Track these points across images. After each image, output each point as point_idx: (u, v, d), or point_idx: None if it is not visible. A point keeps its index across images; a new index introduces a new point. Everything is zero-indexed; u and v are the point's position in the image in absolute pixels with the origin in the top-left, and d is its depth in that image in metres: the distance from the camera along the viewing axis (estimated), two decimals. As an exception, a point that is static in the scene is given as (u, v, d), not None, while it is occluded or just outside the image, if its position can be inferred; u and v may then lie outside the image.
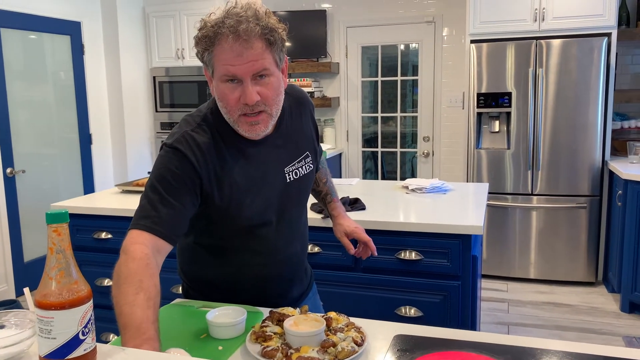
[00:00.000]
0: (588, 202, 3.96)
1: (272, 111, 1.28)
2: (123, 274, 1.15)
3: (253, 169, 1.35)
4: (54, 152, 4.49)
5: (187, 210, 1.26)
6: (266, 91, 1.24)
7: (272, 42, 1.22)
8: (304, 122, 1.48)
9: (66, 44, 4.54)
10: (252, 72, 1.21)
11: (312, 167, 1.48)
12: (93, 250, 2.65)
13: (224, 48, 1.19)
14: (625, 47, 4.27)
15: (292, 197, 1.44)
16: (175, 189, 1.24)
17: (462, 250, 2.14)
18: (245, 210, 1.34)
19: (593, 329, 3.36)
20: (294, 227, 1.48)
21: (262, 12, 1.23)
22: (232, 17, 1.19)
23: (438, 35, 5.00)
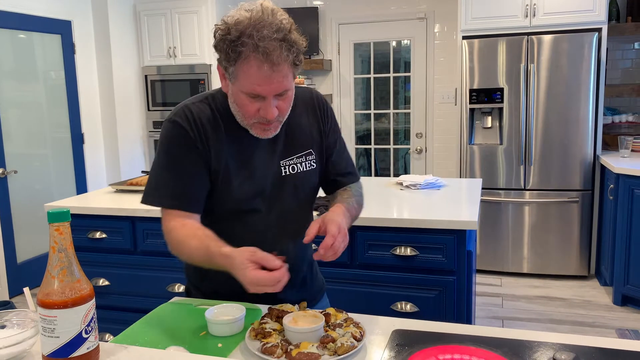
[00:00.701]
0: (580, 197, 3.99)
1: (283, 118, 1.35)
2: (175, 242, 1.33)
3: (247, 154, 1.38)
4: (46, 152, 4.47)
5: (198, 176, 1.35)
6: (283, 104, 1.30)
7: (297, 63, 1.26)
8: (309, 121, 1.47)
9: (57, 43, 4.52)
10: (275, 93, 1.26)
11: (314, 167, 1.46)
12: (88, 250, 2.65)
13: (251, 68, 1.21)
14: (615, 42, 4.30)
15: (287, 192, 1.43)
16: (176, 158, 1.34)
17: (457, 246, 2.16)
18: (234, 192, 1.37)
19: (586, 321, 3.39)
20: (287, 224, 1.45)
21: (288, 27, 1.22)
22: (264, 39, 1.18)
23: (430, 32, 5.02)
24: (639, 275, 3.47)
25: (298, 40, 1.24)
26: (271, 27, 1.19)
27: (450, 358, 1.10)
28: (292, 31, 1.23)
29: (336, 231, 1.26)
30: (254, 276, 1.12)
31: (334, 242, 1.24)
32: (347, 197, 1.48)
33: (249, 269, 1.13)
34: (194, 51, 4.99)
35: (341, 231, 1.28)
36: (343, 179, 1.53)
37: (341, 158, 1.53)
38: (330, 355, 1.12)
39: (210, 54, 4.97)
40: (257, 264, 1.14)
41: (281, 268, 1.14)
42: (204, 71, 5.00)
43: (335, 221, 1.29)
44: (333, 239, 1.24)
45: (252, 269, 1.13)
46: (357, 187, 1.55)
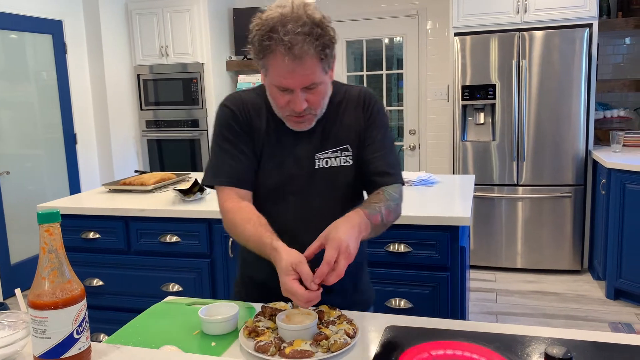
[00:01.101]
0: (572, 192, 4.01)
1: (317, 112, 1.37)
2: (231, 224, 1.37)
3: (283, 144, 1.43)
4: (39, 153, 4.45)
5: (245, 153, 1.41)
6: (314, 97, 1.32)
7: (324, 56, 1.27)
8: (352, 118, 1.45)
9: (48, 43, 4.49)
10: (302, 86, 1.28)
11: (349, 163, 1.44)
12: (81, 250, 2.64)
13: (277, 61, 1.25)
14: (606, 37, 4.32)
15: (318, 186, 1.43)
16: (228, 139, 1.42)
17: (451, 242, 2.17)
18: (266, 176, 1.43)
19: (579, 316, 3.41)
20: (315, 218, 1.41)
21: (316, 21, 1.25)
22: (288, 33, 1.22)
23: (422, 29, 5.02)
24: (631, 269, 3.49)
25: (325, 34, 1.26)
26: (297, 22, 1.23)
27: (442, 354, 1.11)
28: (320, 25, 1.25)
29: (333, 255, 1.14)
30: (290, 286, 1.14)
31: (332, 269, 1.14)
32: (375, 201, 1.35)
33: (290, 276, 1.15)
34: (187, 50, 4.98)
35: (342, 251, 1.15)
36: (378, 179, 1.43)
37: (379, 156, 1.44)
38: (323, 353, 1.13)
39: (202, 53, 4.96)
40: (297, 275, 1.15)
41: (316, 291, 1.15)
42: (196, 70, 4.99)
43: (335, 240, 1.16)
44: (329, 266, 1.14)
45: (292, 278, 1.15)
46: (392, 190, 1.41)
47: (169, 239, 2.53)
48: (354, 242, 1.19)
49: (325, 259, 1.15)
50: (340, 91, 1.47)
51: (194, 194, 2.61)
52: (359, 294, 1.56)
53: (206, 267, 2.52)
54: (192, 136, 5.11)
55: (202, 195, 2.63)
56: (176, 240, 2.52)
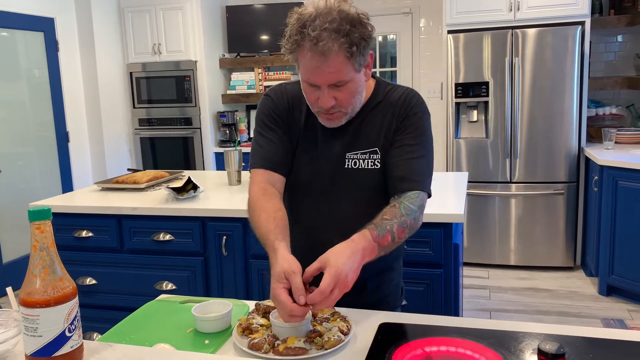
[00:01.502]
0: (565, 189, 4.03)
1: (347, 110, 1.35)
2: (250, 209, 1.36)
3: (317, 139, 1.43)
4: (31, 151, 4.42)
5: (283, 141, 1.44)
6: (342, 95, 1.31)
7: (352, 54, 1.24)
8: (386, 120, 1.41)
9: (40, 40, 4.47)
10: (328, 83, 1.28)
11: (377, 166, 1.40)
12: (74, 249, 2.63)
13: (304, 57, 1.26)
14: (598, 35, 4.34)
15: (345, 185, 1.42)
16: (267, 126, 1.44)
17: (444, 239, 2.17)
18: (297, 169, 1.45)
19: (572, 312, 3.43)
20: (339, 217, 1.43)
21: (348, 17, 1.22)
22: (315, 28, 1.21)
23: (415, 27, 5.03)
24: (623, 266, 3.51)
25: (355, 31, 1.23)
26: (326, 18, 1.21)
27: (436, 350, 1.11)
28: (351, 22, 1.22)
29: (329, 285, 1.08)
30: (278, 293, 1.10)
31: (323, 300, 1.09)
32: (388, 218, 1.26)
33: (280, 284, 1.11)
34: (179, 48, 4.96)
35: (340, 282, 1.09)
36: (397, 184, 1.36)
37: (404, 160, 1.37)
38: (317, 350, 1.12)
39: (195, 51, 4.94)
40: (288, 284, 1.11)
41: (302, 306, 1.09)
42: (189, 67, 4.97)
43: (334, 269, 1.09)
44: (322, 295, 1.08)
45: (282, 286, 1.11)
46: (410, 202, 1.31)
47: (162, 237, 2.52)
48: (354, 272, 1.13)
49: (321, 287, 1.08)
50: (382, 92, 1.44)
51: (187, 192, 2.60)
52: (381, 295, 1.53)
53: (200, 266, 2.51)
54: (185, 134, 5.09)
55: (195, 194, 2.62)
56: (169, 239, 2.51)
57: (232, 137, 5.14)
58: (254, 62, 5.20)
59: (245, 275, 2.47)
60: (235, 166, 2.89)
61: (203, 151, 5.08)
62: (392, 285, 1.57)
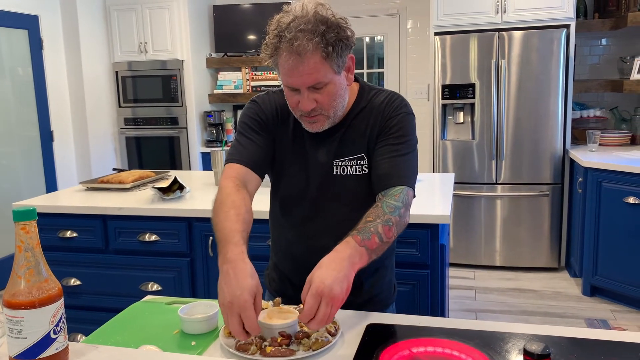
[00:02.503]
0: (550, 190, 4.07)
1: (329, 113, 1.35)
2: (218, 201, 1.31)
3: (304, 148, 1.44)
4: (14, 151, 4.36)
5: (265, 145, 1.43)
6: (322, 98, 1.31)
7: (327, 54, 1.25)
8: (370, 124, 1.42)
9: (23, 38, 4.41)
10: (306, 85, 1.28)
11: (365, 172, 1.42)
12: (58, 249, 2.60)
13: (282, 59, 1.27)
14: (583, 38, 4.38)
15: (337, 192, 1.43)
16: (250, 128, 1.44)
17: (431, 240, 2.18)
18: (283, 179, 1.47)
19: (557, 312, 3.46)
20: (330, 223, 1.44)
21: (323, 19, 1.25)
22: (291, 30, 1.23)
23: (403, 28, 5.05)
24: (607, 267, 3.55)
25: (330, 31, 1.25)
26: (302, 20, 1.23)
27: (423, 351, 1.11)
28: (326, 23, 1.24)
29: (313, 305, 1.08)
30: (230, 321, 1.08)
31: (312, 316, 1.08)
32: (370, 219, 1.25)
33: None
34: (166, 47, 4.93)
35: (325, 296, 1.08)
36: (380, 181, 1.36)
37: (386, 160, 1.37)
38: (305, 351, 1.12)
39: (182, 50, 4.92)
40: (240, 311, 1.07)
41: (249, 333, 1.09)
42: (175, 67, 4.94)
43: (315, 285, 1.09)
44: (308, 317, 1.08)
45: (237, 319, 1.07)
46: (392, 200, 1.30)
47: (147, 237, 2.50)
48: (340, 283, 1.10)
49: (305, 309, 1.08)
50: (366, 97, 1.44)
51: (174, 192, 2.59)
52: (375, 293, 1.53)
53: (186, 267, 2.50)
54: (171, 134, 5.06)
55: (181, 194, 2.61)
56: (155, 239, 2.50)
57: (219, 137, 5.12)
58: (241, 62, 5.19)
59: (231, 276, 2.45)
60: (222, 166, 2.88)
61: (189, 151, 5.06)
62: (386, 283, 1.58)
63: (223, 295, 1.09)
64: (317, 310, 1.08)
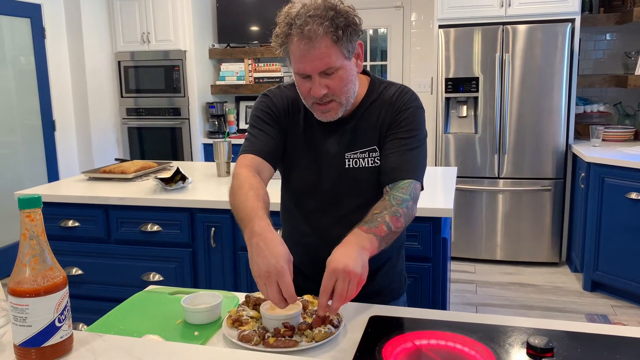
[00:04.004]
0: (552, 185, 4.06)
1: (341, 99, 1.36)
2: (235, 185, 1.32)
3: (316, 141, 1.45)
4: (15, 140, 4.36)
5: (276, 137, 1.44)
6: (333, 83, 1.32)
7: (338, 38, 1.27)
8: (382, 117, 1.43)
9: (26, 27, 4.40)
10: (318, 70, 1.29)
11: (377, 164, 1.43)
12: (60, 238, 2.60)
13: (293, 47, 1.29)
14: (588, 33, 4.36)
15: (349, 184, 1.45)
16: (263, 120, 1.45)
17: (433, 233, 2.18)
18: (295, 171, 1.48)
19: (557, 307, 3.46)
20: (343, 214, 1.45)
21: (332, 6, 1.28)
22: (301, 17, 1.26)
23: (406, 21, 5.02)
24: (608, 262, 3.55)
25: (339, 16, 1.27)
26: (310, 7, 1.26)
27: (426, 343, 1.11)
28: (335, 9, 1.27)
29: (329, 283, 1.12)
30: (268, 289, 1.10)
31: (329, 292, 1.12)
32: (377, 211, 1.28)
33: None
34: (169, 37, 4.91)
35: (339, 273, 1.12)
36: (389, 174, 1.38)
37: (395, 153, 1.39)
38: (307, 342, 1.12)
39: (184, 40, 4.90)
40: (278, 278, 1.10)
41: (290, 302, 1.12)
42: (178, 57, 4.93)
43: (330, 266, 1.13)
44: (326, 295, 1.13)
45: (276, 287, 1.10)
46: (399, 192, 1.33)
47: (149, 228, 2.50)
48: (353, 260, 1.13)
49: (322, 287, 1.13)
50: (377, 90, 1.47)
51: (176, 183, 2.59)
52: (386, 282, 1.55)
53: (187, 257, 2.50)
54: (173, 124, 5.05)
55: (184, 185, 2.61)
56: (157, 230, 2.50)
57: (221, 129, 5.12)
58: (244, 53, 5.17)
59: (233, 267, 2.46)
60: (224, 157, 2.88)
61: (191, 142, 5.05)
62: (397, 273, 1.61)
63: (258, 266, 1.11)
64: (335, 287, 1.12)
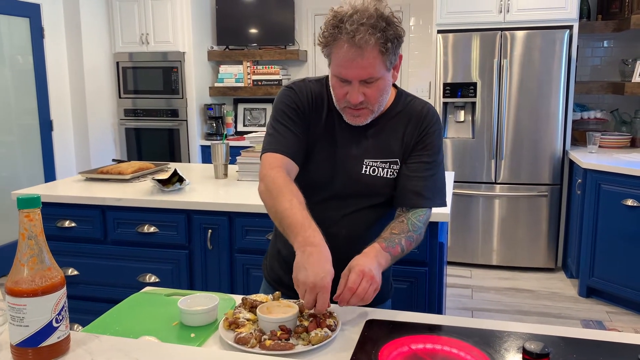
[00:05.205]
0: (549, 191, 4.07)
1: (374, 107, 1.37)
2: (275, 189, 1.32)
3: (336, 140, 1.45)
4: (13, 139, 4.35)
5: (301, 134, 1.43)
6: (371, 92, 1.33)
7: (386, 50, 1.28)
8: (407, 131, 1.45)
9: (25, 26, 4.39)
10: (360, 78, 1.30)
11: (394, 176, 1.45)
12: (57, 239, 2.59)
13: (339, 49, 1.29)
14: (585, 39, 4.38)
15: (360, 189, 1.45)
16: (288, 116, 1.43)
17: (430, 237, 2.18)
18: (310, 165, 1.45)
19: (553, 313, 3.47)
20: (345, 213, 1.46)
21: (384, 15, 1.27)
22: (353, 23, 1.25)
23: (405, 25, 5.03)
24: (604, 268, 3.56)
25: (389, 28, 1.27)
26: (364, 14, 1.26)
27: (422, 348, 1.12)
28: (386, 20, 1.27)
29: (356, 280, 1.21)
30: (307, 298, 1.17)
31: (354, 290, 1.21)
32: (396, 232, 1.37)
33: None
34: (168, 38, 4.91)
35: (365, 275, 1.22)
36: (409, 198, 1.43)
37: (420, 177, 1.43)
38: (304, 345, 1.13)
39: (183, 42, 4.90)
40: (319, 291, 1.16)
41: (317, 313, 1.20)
42: (177, 59, 4.93)
43: (358, 267, 1.23)
44: (351, 292, 1.21)
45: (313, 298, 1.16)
46: (417, 219, 1.42)
47: (146, 229, 2.50)
48: (376, 269, 1.26)
49: (349, 284, 1.21)
50: (403, 102, 1.47)
51: (173, 185, 2.59)
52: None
53: (184, 259, 2.50)
54: (171, 126, 5.05)
55: (181, 186, 2.61)
56: (154, 231, 2.50)
57: (219, 130, 5.12)
58: (243, 55, 5.18)
59: (230, 270, 2.46)
60: (222, 159, 2.88)
61: (189, 143, 5.05)
62: (384, 278, 1.60)
63: (306, 275, 1.16)
64: (359, 286, 1.20)
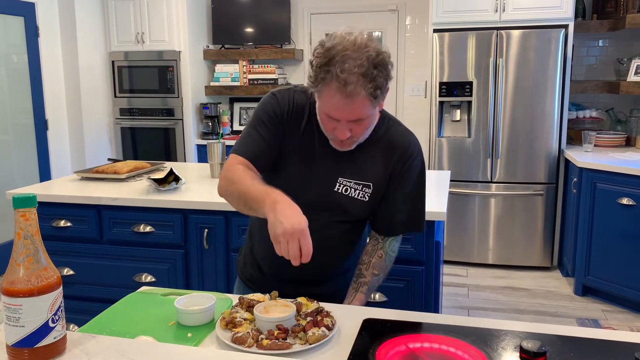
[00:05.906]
0: (545, 190, 4.08)
1: (359, 139, 1.41)
2: (235, 176, 1.36)
3: (312, 153, 1.46)
4: (7, 139, 4.33)
5: (273, 142, 1.44)
6: (358, 128, 1.36)
7: (375, 97, 1.29)
8: (384, 162, 1.48)
9: (19, 25, 4.37)
10: (349, 119, 1.32)
11: (366, 200, 1.47)
12: (52, 238, 2.58)
13: (330, 93, 1.29)
14: (580, 39, 4.39)
15: (330, 206, 1.46)
16: (264, 123, 1.44)
17: (426, 236, 2.18)
18: (282, 173, 1.47)
19: (548, 311, 3.48)
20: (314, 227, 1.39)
21: (375, 61, 1.26)
22: (344, 71, 1.24)
23: (401, 24, 5.04)
24: (599, 267, 3.57)
25: (380, 75, 1.27)
26: (355, 61, 1.24)
27: (420, 346, 1.12)
28: (377, 66, 1.26)
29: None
30: (290, 246, 1.17)
31: None
32: (377, 273, 1.56)
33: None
34: (163, 37, 4.90)
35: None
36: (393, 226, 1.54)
37: (404, 208, 1.51)
38: (301, 344, 1.12)
39: (179, 41, 4.89)
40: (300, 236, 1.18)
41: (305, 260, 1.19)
42: (172, 58, 4.92)
43: None
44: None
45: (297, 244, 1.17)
46: (392, 249, 1.58)
47: (142, 228, 2.49)
48: None
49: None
50: (386, 126, 1.49)
51: (169, 184, 2.58)
52: (340, 286, 1.60)
53: (180, 258, 2.49)
54: (167, 125, 5.04)
55: (177, 185, 2.60)
56: (150, 230, 2.49)
57: (215, 130, 5.11)
58: (239, 54, 5.17)
59: (226, 269, 2.45)
60: (218, 159, 2.87)
61: (185, 143, 5.04)
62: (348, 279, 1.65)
63: (282, 226, 1.17)
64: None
